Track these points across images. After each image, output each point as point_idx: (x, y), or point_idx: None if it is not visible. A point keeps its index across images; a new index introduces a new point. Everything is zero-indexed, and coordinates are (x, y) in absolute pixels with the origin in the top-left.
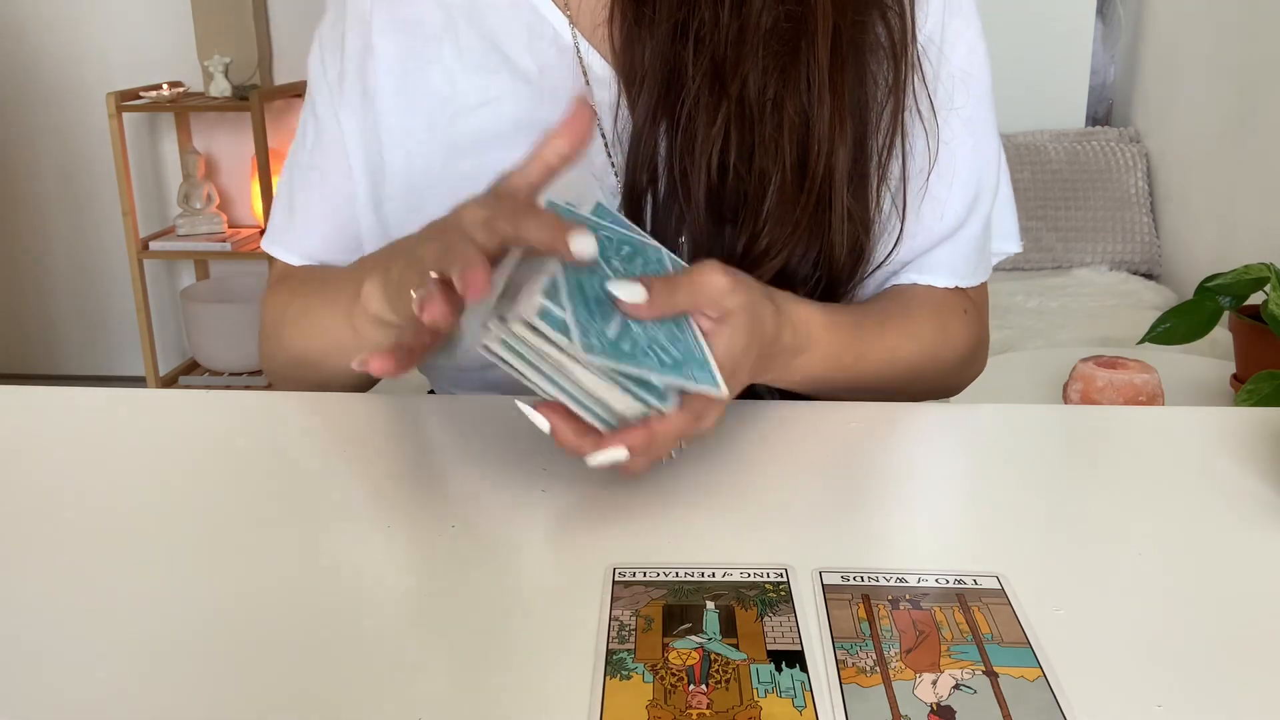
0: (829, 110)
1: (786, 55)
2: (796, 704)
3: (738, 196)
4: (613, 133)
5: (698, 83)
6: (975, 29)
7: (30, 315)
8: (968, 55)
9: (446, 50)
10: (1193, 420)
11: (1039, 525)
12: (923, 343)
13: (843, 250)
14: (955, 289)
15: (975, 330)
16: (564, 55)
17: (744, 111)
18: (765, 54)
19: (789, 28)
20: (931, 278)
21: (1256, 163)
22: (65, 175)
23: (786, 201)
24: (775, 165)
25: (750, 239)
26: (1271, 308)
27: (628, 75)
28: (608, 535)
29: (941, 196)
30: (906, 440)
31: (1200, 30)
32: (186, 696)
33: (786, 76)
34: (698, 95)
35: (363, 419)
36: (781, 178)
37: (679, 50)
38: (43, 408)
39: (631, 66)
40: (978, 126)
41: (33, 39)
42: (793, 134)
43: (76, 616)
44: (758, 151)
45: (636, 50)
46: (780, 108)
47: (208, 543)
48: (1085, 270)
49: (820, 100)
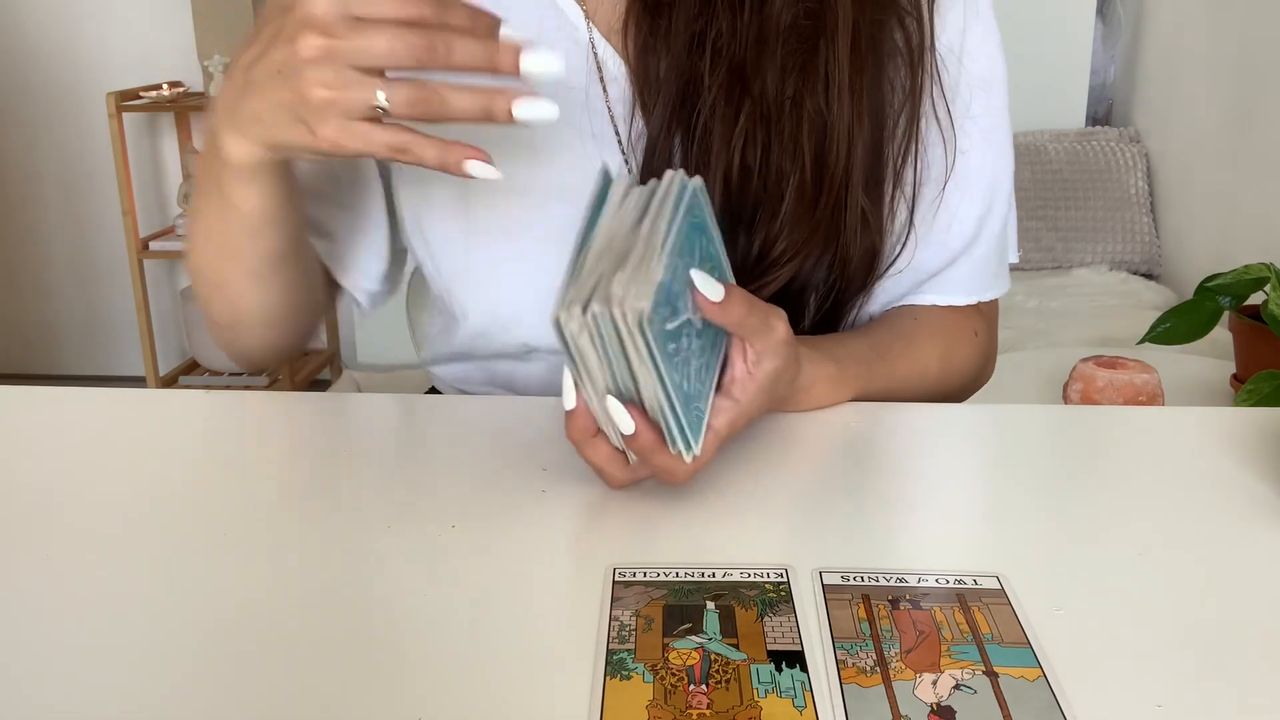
0: (848, 110)
1: (806, 53)
2: (796, 704)
3: (753, 201)
4: (628, 136)
5: (714, 93)
6: (995, 40)
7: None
8: (988, 65)
9: None
10: (1193, 420)
11: (1039, 525)
12: (926, 375)
13: (857, 255)
14: (968, 307)
15: (984, 349)
16: (580, 51)
17: (762, 111)
18: (784, 52)
19: (808, 25)
20: (950, 297)
21: (1256, 163)
22: (65, 175)
23: (804, 204)
24: (794, 166)
25: (766, 242)
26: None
27: (643, 86)
28: (608, 535)
29: (954, 205)
30: (906, 440)
31: (1200, 30)
32: (186, 696)
33: (806, 74)
34: (714, 106)
35: (363, 419)
36: (800, 179)
37: (695, 62)
38: (43, 408)
39: (646, 78)
40: (995, 137)
41: (33, 39)
42: (812, 133)
43: (76, 616)
44: (775, 151)
45: (651, 62)
46: (799, 106)
47: (207, 543)
48: (1085, 270)
49: (840, 100)
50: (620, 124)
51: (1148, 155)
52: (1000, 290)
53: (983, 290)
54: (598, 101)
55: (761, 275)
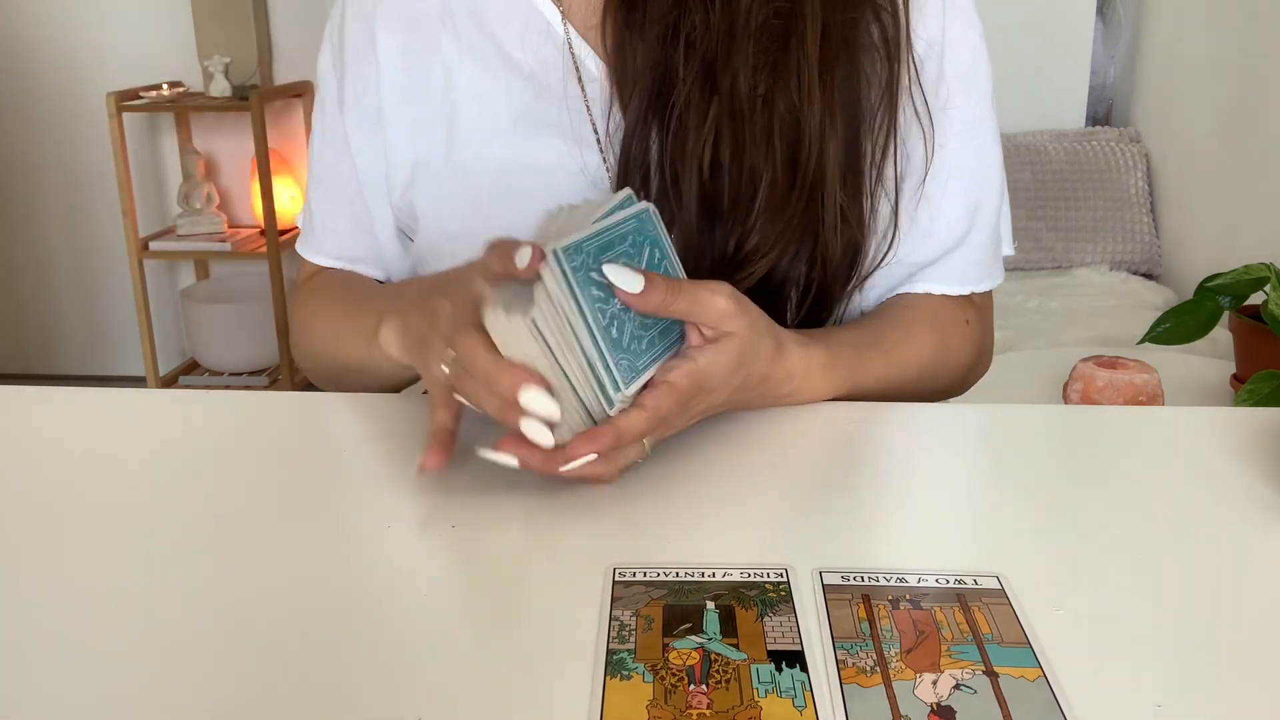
0: (819, 107)
1: (777, 52)
2: (796, 704)
3: (728, 195)
4: (605, 132)
5: (689, 85)
6: (977, 32)
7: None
8: (970, 58)
9: (445, 42)
10: (1193, 420)
11: (1039, 525)
12: (923, 364)
13: (837, 250)
14: (961, 298)
15: (978, 339)
16: (558, 50)
17: (734, 108)
18: (755, 50)
19: (779, 25)
20: (945, 286)
21: (1256, 163)
22: (65, 175)
23: (777, 199)
24: (766, 162)
25: (741, 237)
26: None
27: (619, 78)
28: (608, 535)
29: (937, 199)
30: (906, 440)
31: (1200, 30)
32: (186, 696)
33: (776, 73)
34: (688, 97)
35: (362, 419)
36: (772, 175)
37: (670, 53)
38: (43, 408)
39: (623, 69)
40: (980, 129)
41: (33, 39)
42: (783, 131)
43: (76, 616)
44: (748, 148)
45: (628, 53)
46: (771, 104)
47: (207, 543)
48: (1085, 270)
49: (810, 98)
50: (598, 121)
51: (1148, 155)
52: (994, 282)
53: (976, 281)
54: (576, 100)
55: (738, 269)
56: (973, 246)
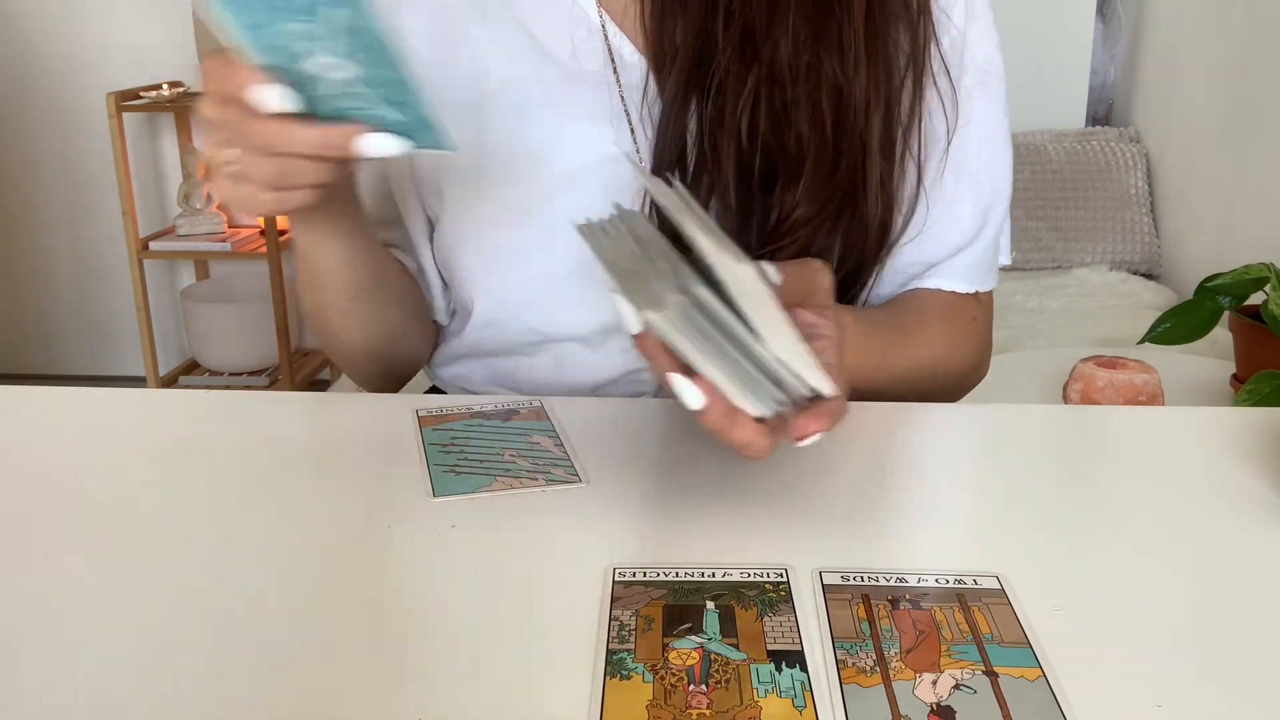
0: (865, 74)
1: (819, 18)
2: (796, 704)
3: (769, 166)
4: (639, 116)
5: (728, 54)
6: (993, 41)
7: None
8: (987, 62)
9: (475, 31)
10: (1193, 420)
11: (1039, 525)
12: (935, 352)
13: (876, 219)
14: (968, 295)
15: (982, 337)
16: (593, 36)
17: (775, 76)
18: (797, 17)
19: None
20: (955, 283)
21: (1256, 163)
22: (65, 175)
23: (824, 168)
24: (813, 131)
25: (785, 208)
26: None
27: (658, 54)
28: (608, 535)
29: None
30: (907, 440)
31: (1200, 30)
32: (186, 696)
33: (820, 39)
34: (728, 66)
35: (362, 419)
36: (819, 142)
37: (709, 24)
38: (43, 408)
39: (662, 44)
40: (994, 130)
41: (33, 39)
42: (831, 98)
43: (76, 616)
44: (794, 117)
45: (668, 26)
46: (816, 71)
47: (207, 542)
48: (1085, 270)
49: (856, 64)
50: (631, 107)
51: (1148, 155)
52: (993, 284)
53: (981, 281)
54: (611, 86)
55: (779, 239)
56: (980, 247)
